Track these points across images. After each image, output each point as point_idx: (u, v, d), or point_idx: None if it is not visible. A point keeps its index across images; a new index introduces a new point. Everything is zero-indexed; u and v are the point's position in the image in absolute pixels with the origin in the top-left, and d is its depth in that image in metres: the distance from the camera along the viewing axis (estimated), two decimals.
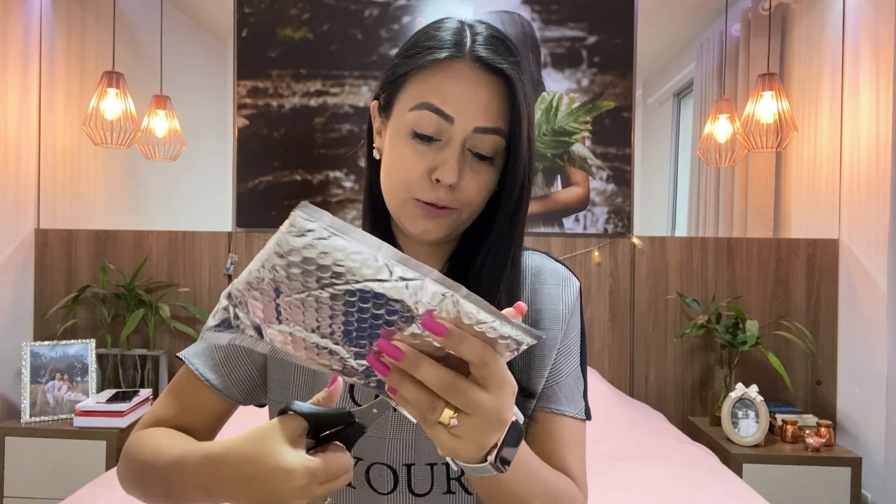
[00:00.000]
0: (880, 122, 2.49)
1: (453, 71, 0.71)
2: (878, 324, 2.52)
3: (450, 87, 0.71)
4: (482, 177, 0.73)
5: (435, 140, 0.71)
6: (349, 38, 2.96)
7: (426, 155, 0.71)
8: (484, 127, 0.71)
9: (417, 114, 0.71)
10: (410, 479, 0.77)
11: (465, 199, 0.72)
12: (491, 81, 0.71)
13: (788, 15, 3.08)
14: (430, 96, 0.71)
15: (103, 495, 1.71)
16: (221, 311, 0.56)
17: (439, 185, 0.71)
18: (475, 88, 0.70)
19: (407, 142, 0.72)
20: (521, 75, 0.72)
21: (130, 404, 2.54)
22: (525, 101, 0.72)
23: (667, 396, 2.89)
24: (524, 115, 0.71)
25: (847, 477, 2.40)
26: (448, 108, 0.70)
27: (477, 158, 0.72)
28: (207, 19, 3.08)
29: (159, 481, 0.71)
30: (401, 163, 0.73)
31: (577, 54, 2.95)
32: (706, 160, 2.84)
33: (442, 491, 0.77)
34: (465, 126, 0.70)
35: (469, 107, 0.70)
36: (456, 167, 0.70)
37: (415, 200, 0.73)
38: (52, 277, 2.95)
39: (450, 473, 0.77)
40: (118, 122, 2.70)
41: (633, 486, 1.83)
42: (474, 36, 0.73)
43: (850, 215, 2.72)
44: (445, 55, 0.71)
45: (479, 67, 0.71)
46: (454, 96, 0.70)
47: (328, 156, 2.97)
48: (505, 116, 0.71)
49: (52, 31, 3.00)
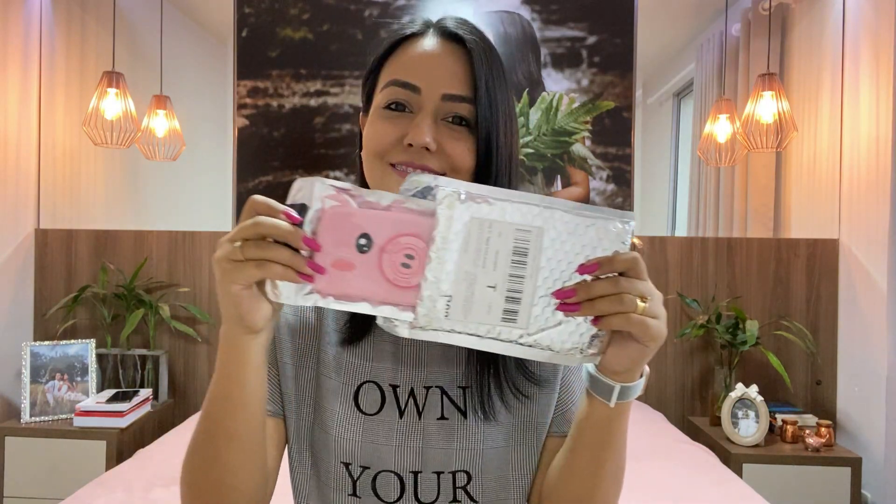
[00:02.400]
0: (880, 122, 2.49)
1: (418, 44, 0.73)
2: (878, 324, 2.52)
3: (414, 58, 0.73)
4: (464, 142, 0.72)
5: (407, 111, 0.72)
6: (349, 38, 2.96)
7: (398, 122, 0.72)
8: (451, 94, 0.71)
9: (386, 91, 0.73)
10: (417, 487, 0.76)
11: (451, 163, 0.72)
12: (455, 50, 0.73)
13: (788, 15, 3.09)
14: (397, 73, 0.73)
15: (103, 495, 1.71)
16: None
17: (412, 149, 0.71)
18: (439, 57, 0.72)
19: (379, 115, 0.73)
20: (485, 47, 0.73)
21: (130, 404, 2.54)
22: (487, 71, 0.72)
23: (667, 396, 2.89)
24: (483, 82, 0.71)
25: (847, 477, 2.40)
26: (414, 79, 0.72)
27: (455, 124, 0.72)
28: (207, 19, 3.08)
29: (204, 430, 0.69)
30: (373, 135, 0.73)
31: (577, 54, 2.95)
32: (706, 160, 2.84)
33: (448, 500, 0.76)
34: (433, 94, 0.71)
35: (435, 75, 0.72)
36: (427, 129, 0.70)
37: (391, 167, 0.72)
38: (52, 277, 2.95)
39: (455, 482, 0.77)
40: (118, 122, 2.70)
41: (633, 486, 1.83)
42: (441, 19, 0.76)
43: (850, 215, 2.72)
44: (411, 32, 0.75)
45: (443, 38, 0.73)
46: (419, 66, 0.72)
47: (328, 156, 2.97)
48: (471, 86, 0.72)
49: (52, 31, 3.00)
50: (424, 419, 0.77)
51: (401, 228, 0.57)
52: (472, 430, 0.76)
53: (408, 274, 0.58)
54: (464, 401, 0.77)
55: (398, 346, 0.79)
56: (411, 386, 0.78)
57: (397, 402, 0.77)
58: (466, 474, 0.76)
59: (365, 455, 0.76)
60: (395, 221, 0.57)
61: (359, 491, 0.76)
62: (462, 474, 0.76)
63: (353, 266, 0.58)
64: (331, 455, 0.77)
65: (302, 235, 0.56)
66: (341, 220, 0.57)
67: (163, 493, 1.72)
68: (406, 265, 0.58)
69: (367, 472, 0.76)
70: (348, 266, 0.58)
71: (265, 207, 0.57)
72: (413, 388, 0.77)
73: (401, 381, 0.78)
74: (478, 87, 0.71)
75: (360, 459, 0.76)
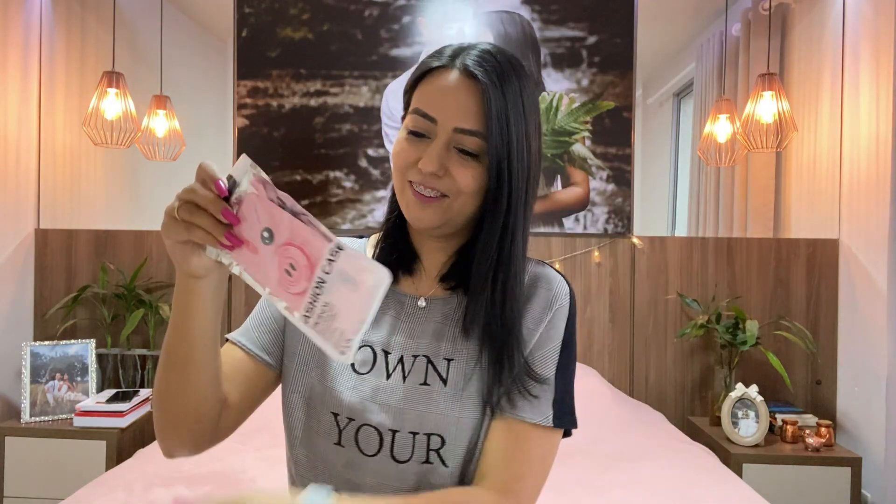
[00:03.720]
0: (880, 122, 2.49)
1: (441, 79, 0.82)
2: (878, 324, 2.52)
3: (436, 92, 0.82)
4: (470, 169, 0.81)
5: (425, 137, 0.82)
6: (349, 38, 2.96)
7: (417, 147, 0.82)
8: (462, 128, 0.80)
9: (412, 117, 0.83)
10: (394, 444, 0.83)
11: (455, 187, 0.81)
12: (471, 87, 0.81)
13: (788, 15, 3.09)
14: (420, 102, 0.83)
15: (103, 495, 1.71)
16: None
17: (423, 172, 0.81)
18: (455, 93, 0.81)
19: (405, 137, 0.84)
20: (501, 81, 0.80)
21: (130, 404, 2.54)
22: (502, 106, 0.80)
23: (667, 396, 2.89)
24: (494, 119, 0.79)
25: (847, 477, 2.40)
26: (431, 111, 0.81)
27: (464, 154, 0.81)
28: (207, 19, 3.08)
29: (165, 358, 0.78)
30: (398, 154, 0.84)
31: (577, 54, 2.95)
32: (706, 160, 2.84)
33: (420, 460, 0.83)
34: (447, 126, 0.81)
35: (450, 110, 0.81)
36: (435, 158, 0.80)
37: (409, 185, 0.83)
38: (52, 277, 2.95)
39: (430, 444, 0.83)
40: (118, 122, 2.70)
41: (633, 486, 1.83)
42: (469, 50, 0.84)
43: (850, 215, 2.72)
44: (437, 65, 0.83)
45: (463, 74, 0.81)
46: (438, 100, 0.81)
47: (328, 156, 2.97)
48: (482, 121, 0.80)
49: (52, 31, 3.00)
50: (408, 383, 0.85)
51: (294, 238, 0.64)
52: (450, 398, 0.84)
53: (289, 281, 0.65)
54: (447, 371, 0.85)
55: (398, 319, 0.89)
56: (401, 353, 0.87)
57: (387, 366, 0.86)
58: (441, 438, 0.83)
59: (351, 408, 0.84)
60: (292, 229, 0.64)
61: (343, 440, 0.84)
62: (436, 437, 0.83)
63: (258, 252, 0.66)
64: (323, 404, 0.86)
65: (222, 208, 0.65)
66: (256, 206, 0.65)
67: (163, 493, 1.72)
68: (289, 273, 0.64)
69: (352, 423, 0.84)
70: (254, 250, 0.66)
71: (204, 174, 0.67)
72: (402, 356, 0.87)
73: (393, 348, 0.87)
74: (489, 126, 0.79)
75: (346, 411, 0.84)
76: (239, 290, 2.94)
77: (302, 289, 0.64)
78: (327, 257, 0.63)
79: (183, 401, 0.78)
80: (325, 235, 0.63)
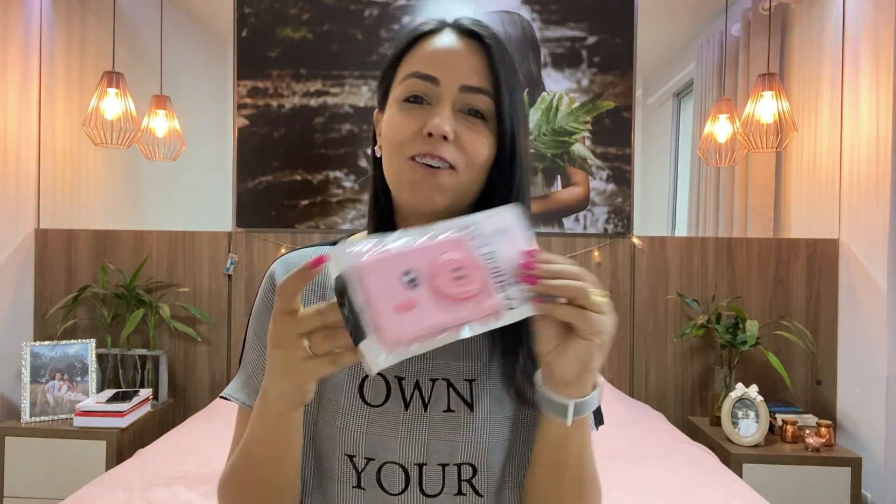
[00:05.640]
0: (880, 122, 2.49)
1: (436, 39, 0.75)
2: (878, 324, 2.52)
3: (433, 51, 0.74)
4: (480, 135, 0.73)
5: (425, 103, 0.73)
6: (349, 38, 2.97)
7: (417, 114, 0.73)
8: (469, 86, 0.72)
9: (406, 84, 0.74)
10: (422, 479, 0.76)
11: (466, 157, 0.72)
12: (472, 45, 0.74)
13: (788, 15, 3.08)
14: (415, 66, 0.74)
15: (103, 495, 1.71)
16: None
17: (431, 139, 0.71)
18: (458, 50, 0.74)
19: (398, 108, 0.74)
20: (500, 45, 0.75)
21: (130, 404, 2.54)
22: (506, 68, 0.74)
23: (667, 396, 2.89)
24: (503, 79, 0.73)
25: (847, 477, 2.40)
26: (432, 71, 0.73)
27: (471, 115, 0.73)
28: (207, 19, 3.08)
29: (247, 462, 0.74)
30: (393, 128, 0.74)
31: (577, 54, 2.95)
32: (706, 160, 2.84)
33: (453, 492, 0.76)
34: (451, 85, 0.72)
35: (453, 66, 0.73)
36: (447, 118, 0.71)
37: (411, 162, 0.72)
38: (52, 277, 2.95)
39: (461, 475, 0.76)
40: (118, 122, 2.70)
41: (633, 486, 1.83)
42: (457, 18, 0.78)
43: (850, 215, 2.72)
44: (429, 28, 0.76)
45: (460, 34, 0.75)
46: (438, 59, 0.73)
47: (328, 156, 2.97)
48: (489, 79, 0.73)
49: (52, 31, 3.00)
50: (430, 411, 0.77)
51: (435, 252, 0.59)
52: (479, 424, 0.77)
53: (466, 283, 0.60)
54: (470, 393, 0.77)
55: None
56: (416, 378, 0.78)
57: (402, 394, 0.77)
58: (472, 467, 0.76)
59: (370, 447, 0.76)
60: (424, 250, 0.59)
61: (363, 483, 0.76)
62: (467, 467, 0.76)
63: (416, 303, 0.58)
64: (335, 447, 0.77)
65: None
66: (379, 267, 0.58)
67: (163, 493, 1.72)
68: (459, 277, 0.60)
69: (371, 463, 0.76)
70: (411, 304, 0.58)
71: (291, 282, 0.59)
72: (419, 381, 0.78)
73: (406, 373, 0.78)
74: (499, 81, 0.73)
75: (364, 451, 0.76)
76: (239, 290, 2.94)
77: (481, 280, 0.60)
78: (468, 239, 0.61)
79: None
80: (442, 231, 0.61)
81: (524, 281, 0.62)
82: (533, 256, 0.62)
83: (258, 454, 0.71)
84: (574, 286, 0.61)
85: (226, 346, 2.95)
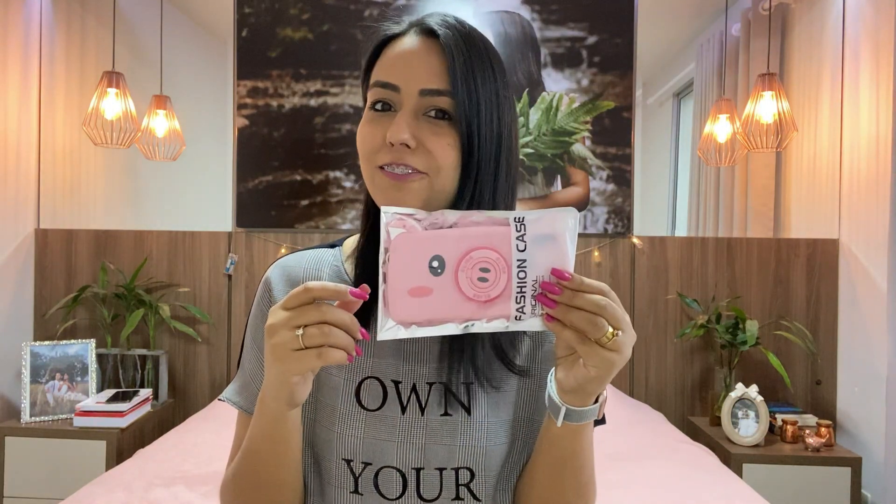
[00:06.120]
0: (880, 122, 2.49)
1: (399, 45, 0.74)
2: (878, 324, 2.52)
3: (393, 58, 0.74)
4: (445, 138, 0.71)
5: (390, 110, 0.73)
6: (349, 38, 2.97)
7: (381, 122, 0.73)
8: (428, 88, 0.71)
9: (371, 93, 0.75)
10: (419, 483, 0.76)
11: (433, 161, 0.71)
12: (432, 46, 0.73)
13: (788, 15, 3.08)
14: (379, 74, 0.74)
15: (103, 495, 1.71)
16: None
17: (395, 148, 0.71)
18: (417, 54, 0.73)
19: (367, 117, 0.75)
20: (464, 41, 0.73)
21: (130, 404, 2.54)
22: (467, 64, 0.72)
23: (667, 396, 2.89)
24: (460, 76, 0.71)
25: (847, 477, 2.40)
26: (392, 78, 0.73)
27: (436, 119, 0.72)
28: (207, 19, 3.08)
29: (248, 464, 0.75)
30: (361, 138, 0.75)
31: (577, 54, 2.95)
32: (706, 160, 2.84)
33: (451, 497, 0.76)
34: (411, 90, 0.72)
35: (412, 72, 0.72)
36: (404, 126, 0.70)
37: (380, 171, 0.73)
38: (52, 277, 2.95)
39: (458, 479, 0.76)
40: (118, 122, 2.70)
41: (633, 486, 1.83)
42: (425, 16, 0.76)
43: (850, 215, 2.72)
44: (393, 32, 0.76)
45: (421, 35, 0.74)
46: (398, 65, 0.73)
47: (328, 156, 2.97)
48: (449, 79, 0.72)
49: (52, 31, 3.00)
50: (427, 415, 0.77)
51: (472, 243, 0.59)
52: (477, 428, 0.77)
53: (487, 287, 0.59)
54: (468, 397, 0.77)
55: (400, 342, 0.79)
56: (413, 382, 0.77)
57: (399, 398, 0.77)
58: (470, 471, 0.76)
59: (367, 451, 0.76)
60: (463, 238, 0.59)
61: (360, 488, 0.76)
62: (465, 471, 0.76)
63: (431, 291, 0.59)
64: (332, 452, 0.77)
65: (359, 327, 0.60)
66: (410, 246, 0.58)
67: (163, 493, 1.72)
68: (483, 279, 0.59)
69: (368, 468, 0.76)
70: (426, 292, 0.59)
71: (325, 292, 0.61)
72: (415, 384, 0.77)
73: (403, 377, 0.77)
74: (455, 83, 0.71)
75: (361, 456, 0.76)
76: (239, 290, 2.94)
77: (503, 286, 0.60)
78: (516, 236, 0.59)
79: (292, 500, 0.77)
80: (498, 220, 0.59)
81: (542, 302, 0.62)
82: (561, 279, 0.61)
83: (259, 455, 0.72)
84: (586, 319, 0.61)
85: (226, 346, 2.95)
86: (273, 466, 0.73)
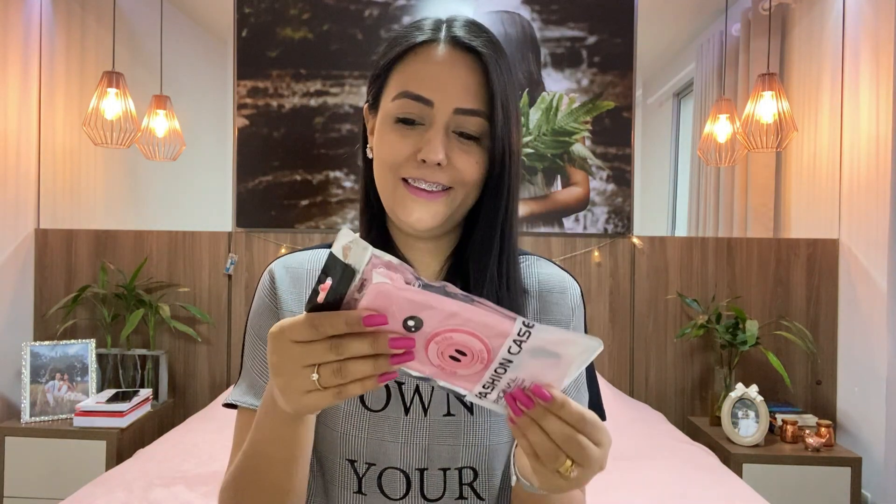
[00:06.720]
0: (880, 122, 2.49)
1: (430, 55, 0.72)
2: (878, 324, 2.52)
3: (427, 70, 0.72)
4: (473, 156, 0.72)
5: (418, 124, 0.72)
6: (349, 38, 2.96)
7: (411, 137, 0.72)
8: (464, 108, 0.71)
9: (399, 102, 0.72)
10: (423, 484, 0.76)
11: (459, 178, 0.72)
12: (468, 61, 0.72)
13: (788, 15, 3.08)
14: (409, 84, 0.72)
15: (103, 495, 1.71)
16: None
17: (426, 165, 0.71)
18: (452, 70, 0.71)
19: (391, 127, 0.73)
20: (497, 55, 0.73)
21: (130, 404, 2.54)
22: (502, 82, 0.72)
23: (667, 396, 2.89)
24: (499, 96, 0.71)
25: (847, 477, 2.40)
26: (426, 93, 0.71)
27: (464, 138, 0.72)
28: (207, 19, 3.08)
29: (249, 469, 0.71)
30: (388, 147, 0.73)
31: (577, 54, 2.95)
32: (706, 160, 2.84)
33: (454, 496, 0.77)
34: (446, 108, 0.71)
35: (448, 88, 0.71)
36: (440, 146, 0.70)
37: (404, 184, 0.72)
38: (52, 277, 2.95)
39: (462, 478, 0.76)
40: (118, 122, 2.70)
41: (633, 486, 1.83)
42: (451, 22, 0.74)
43: (850, 215, 2.72)
44: (422, 39, 0.73)
45: (455, 48, 0.72)
46: (432, 79, 0.71)
47: (328, 156, 2.97)
48: (484, 98, 0.72)
49: (52, 31, 3.00)
50: (430, 416, 0.77)
51: (461, 325, 0.52)
52: (480, 427, 0.77)
53: (456, 366, 0.54)
54: None
55: None
56: (416, 383, 0.77)
57: (403, 399, 0.77)
58: (473, 471, 0.76)
59: (370, 452, 0.76)
60: (454, 315, 0.51)
61: (364, 488, 0.76)
62: (469, 471, 0.76)
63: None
64: (336, 452, 0.77)
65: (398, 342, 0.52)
66: (389, 298, 0.51)
67: (163, 493, 1.72)
68: (455, 359, 0.54)
69: (372, 468, 0.76)
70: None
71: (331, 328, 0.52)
72: (418, 385, 0.77)
73: (406, 378, 0.76)
74: (493, 104, 0.71)
75: (365, 456, 0.76)
76: (239, 290, 2.94)
77: (476, 371, 0.54)
78: (513, 339, 0.52)
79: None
80: (503, 314, 0.51)
81: (509, 403, 0.56)
82: (541, 398, 0.55)
83: (267, 456, 0.68)
84: (545, 446, 0.55)
85: (226, 346, 2.95)
86: (281, 467, 0.68)
